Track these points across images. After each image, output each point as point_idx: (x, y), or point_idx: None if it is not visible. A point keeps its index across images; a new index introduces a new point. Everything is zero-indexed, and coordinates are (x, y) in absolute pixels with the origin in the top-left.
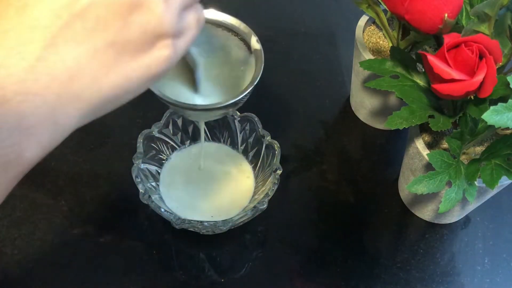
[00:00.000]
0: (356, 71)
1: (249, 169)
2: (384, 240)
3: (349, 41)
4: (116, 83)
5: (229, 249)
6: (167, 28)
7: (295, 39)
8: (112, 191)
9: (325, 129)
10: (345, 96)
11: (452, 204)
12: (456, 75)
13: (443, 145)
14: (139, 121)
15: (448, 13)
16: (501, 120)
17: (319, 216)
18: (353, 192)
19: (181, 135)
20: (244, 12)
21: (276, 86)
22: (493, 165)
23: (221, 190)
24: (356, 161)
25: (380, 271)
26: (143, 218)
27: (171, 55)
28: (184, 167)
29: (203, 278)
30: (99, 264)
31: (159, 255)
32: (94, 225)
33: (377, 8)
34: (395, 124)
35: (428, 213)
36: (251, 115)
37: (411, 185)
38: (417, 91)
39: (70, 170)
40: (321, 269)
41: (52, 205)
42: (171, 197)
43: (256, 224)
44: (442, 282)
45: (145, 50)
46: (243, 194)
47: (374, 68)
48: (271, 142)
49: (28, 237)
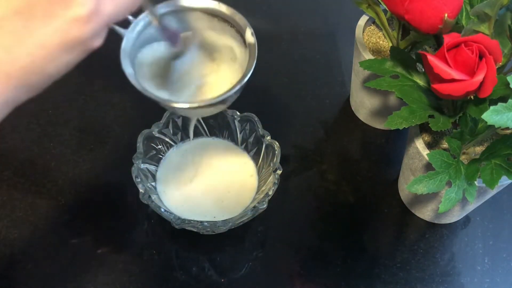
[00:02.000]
0: (356, 71)
1: (253, 168)
2: (384, 240)
3: (349, 41)
4: (31, 51)
5: (229, 249)
6: None
7: (295, 39)
8: (112, 191)
9: (325, 129)
10: (345, 96)
11: (452, 204)
12: (456, 75)
13: (443, 145)
14: (139, 121)
15: (448, 13)
16: (501, 120)
17: (319, 216)
18: (353, 192)
19: (181, 135)
20: (244, 12)
21: (276, 86)
22: (493, 165)
23: (225, 189)
24: (356, 161)
25: (380, 271)
26: (143, 218)
27: (89, 13)
28: (182, 164)
29: (203, 278)
30: (99, 264)
31: (159, 255)
32: (94, 225)
33: (377, 8)
34: (395, 124)
35: (428, 213)
36: (251, 115)
37: (411, 185)
38: (417, 91)
39: (70, 170)
40: (321, 269)
41: (52, 205)
42: (170, 196)
43: (256, 224)
44: (442, 282)
45: (57, 12)
46: (246, 193)
47: (374, 68)
48: (271, 142)
49: (28, 237)
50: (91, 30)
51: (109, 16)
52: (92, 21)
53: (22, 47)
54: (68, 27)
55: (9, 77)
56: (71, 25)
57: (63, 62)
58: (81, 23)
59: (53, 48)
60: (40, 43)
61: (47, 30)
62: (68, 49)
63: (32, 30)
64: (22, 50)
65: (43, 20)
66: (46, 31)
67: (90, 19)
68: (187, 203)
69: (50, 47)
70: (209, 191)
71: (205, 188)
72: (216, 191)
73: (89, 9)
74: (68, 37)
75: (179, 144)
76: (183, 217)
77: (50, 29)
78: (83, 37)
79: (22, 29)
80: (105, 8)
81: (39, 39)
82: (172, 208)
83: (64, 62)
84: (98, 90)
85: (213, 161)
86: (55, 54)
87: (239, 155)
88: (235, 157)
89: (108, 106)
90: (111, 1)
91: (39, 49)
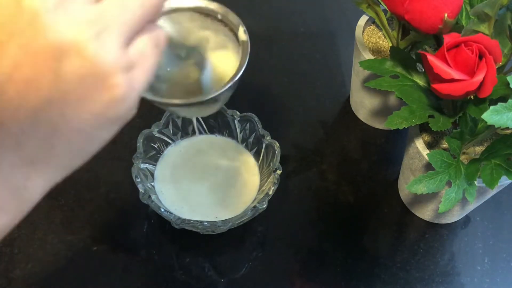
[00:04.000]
0: (356, 71)
1: (255, 166)
2: (384, 240)
3: (349, 41)
4: (69, 138)
5: (229, 249)
6: (107, 66)
7: (295, 39)
8: (112, 191)
9: (325, 129)
10: (345, 96)
11: (452, 204)
12: (456, 75)
13: (443, 145)
14: (139, 121)
15: (448, 13)
16: (501, 120)
17: (319, 216)
18: (353, 192)
19: (181, 134)
20: (244, 12)
21: (276, 86)
22: (493, 165)
23: (228, 188)
24: (356, 161)
25: (380, 271)
26: (143, 218)
27: (124, 93)
28: (181, 162)
29: (203, 278)
30: (99, 264)
31: (159, 255)
32: (94, 225)
33: (377, 8)
34: (395, 124)
35: (428, 213)
36: (251, 115)
37: (411, 185)
38: (417, 91)
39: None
40: (321, 269)
41: (52, 205)
42: (167, 195)
43: (256, 224)
44: (442, 282)
45: (93, 98)
46: (249, 192)
47: (374, 68)
48: (271, 142)
49: (28, 237)
50: (128, 106)
51: (142, 87)
52: (128, 98)
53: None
54: (105, 109)
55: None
56: (108, 107)
57: (102, 140)
58: (117, 103)
59: (91, 131)
60: (77, 128)
61: (83, 116)
62: (106, 128)
63: (67, 118)
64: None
65: (78, 107)
66: (83, 117)
67: (125, 97)
68: (187, 202)
69: (88, 130)
70: (211, 190)
71: (207, 187)
72: (218, 190)
73: (124, 89)
74: (106, 118)
75: (177, 141)
76: (183, 216)
77: (86, 114)
78: (121, 115)
79: (58, 118)
80: (137, 81)
81: (76, 125)
82: (171, 207)
83: (102, 139)
84: None
85: (215, 159)
86: (94, 136)
87: (241, 154)
88: (237, 155)
89: None
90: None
91: (77, 134)
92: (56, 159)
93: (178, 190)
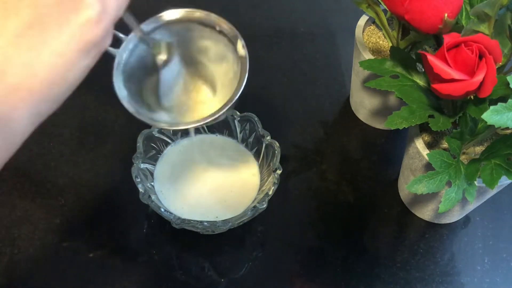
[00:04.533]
0: (356, 71)
1: (256, 166)
2: (384, 240)
3: (349, 41)
4: (51, 62)
5: (229, 249)
6: None
7: (295, 39)
8: (112, 191)
9: (325, 129)
10: (345, 96)
11: (452, 204)
12: (456, 75)
13: (443, 145)
14: (139, 121)
15: (448, 13)
16: (501, 120)
17: (319, 216)
18: (353, 192)
19: (181, 134)
20: (244, 12)
21: (276, 86)
22: (493, 165)
23: (228, 188)
24: (356, 161)
25: (380, 271)
26: (143, 218)
27: (98, 13)
28: (181, 162)
29: (203, 278)
30: (99, 264)
31: (159, 255)
32: (94, 225)
33: (377, 8)
34: (395, 124)
35: (428, 213)
36: (251, 115)
37: (411, 185)
38: (417, 91)
39: (70, 170)
40: (321, 269)
41: (52, 205)
42: (167, 195)
43: (256, 224)
44: (442, 282)
45: (69, 18)
46: (249, 192)
47: (374, 68)
48: (271, 142)
49: (28, 237)
50: (103, 29)
51: (115, 11)
52: (102, 20)
53: (42, 60)
54: (82, 31)
55: (31, 92)
56: (84, 28)
57: (82, 67)
58: (93, 24)
59: (71, 54)
60: (58, 52)
61: (62, 38)
62: (85, 53)
63: (48, 41)
64: (42, 63)
65: (57, 29)
66: (62, 39)
67: (100, 19)
68: (187, 202)
69: (68, 54)
70: (212, 190)
71: (207, 187)
72: (218, 190)
73: (98, 9)
74: (84, 41)
75: (177, 141)
76: (183, 216)
77: (65, 36)
78: (97, 38)
79: (38, 42)
80: (110, 5)
81: (56, 48)
82: (171, 207)
83: (82, 67)
84: (98, 90)
85: (215, 159)
86: (74, 60)
87: (241, 153)
88: (237, 154)
89: (108, 106)
90: None
91: (58, 58)
92: (40, 86)
93: (178, 190)
